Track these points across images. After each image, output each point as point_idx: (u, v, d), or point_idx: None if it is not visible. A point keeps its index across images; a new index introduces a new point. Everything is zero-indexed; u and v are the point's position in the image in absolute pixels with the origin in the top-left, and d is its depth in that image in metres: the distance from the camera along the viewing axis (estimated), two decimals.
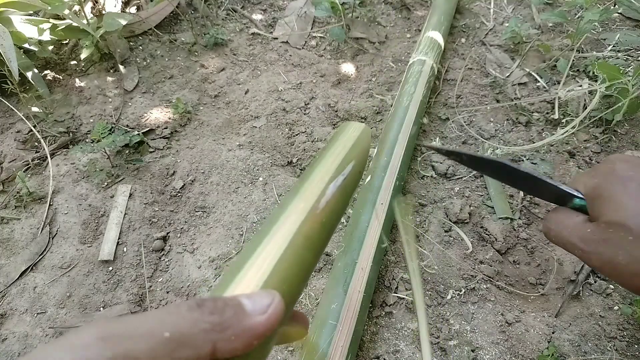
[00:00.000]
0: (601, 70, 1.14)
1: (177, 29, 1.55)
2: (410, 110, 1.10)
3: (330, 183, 0.33)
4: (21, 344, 0.90)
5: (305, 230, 0.30)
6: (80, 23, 1.28)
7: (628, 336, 0.87)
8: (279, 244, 0.29)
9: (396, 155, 1.01)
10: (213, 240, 1.04)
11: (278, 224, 0.30)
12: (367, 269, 0.83)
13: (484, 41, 1.49)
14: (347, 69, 1.42)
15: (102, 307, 0.95)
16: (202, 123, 1.29)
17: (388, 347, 0.87)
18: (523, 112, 1.27)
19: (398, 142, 1.03)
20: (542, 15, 1.50)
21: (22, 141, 1.24)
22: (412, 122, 1.08)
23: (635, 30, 1.46)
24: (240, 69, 1.43)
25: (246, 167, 1.16)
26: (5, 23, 1.21)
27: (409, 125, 1.06)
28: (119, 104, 1.33)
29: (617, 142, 1.19)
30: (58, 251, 1.02)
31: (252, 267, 0.28)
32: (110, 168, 1.17)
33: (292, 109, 1.30)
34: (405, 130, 1.05)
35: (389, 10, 1.61)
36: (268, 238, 0.30)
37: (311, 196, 0.32)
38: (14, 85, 1.21)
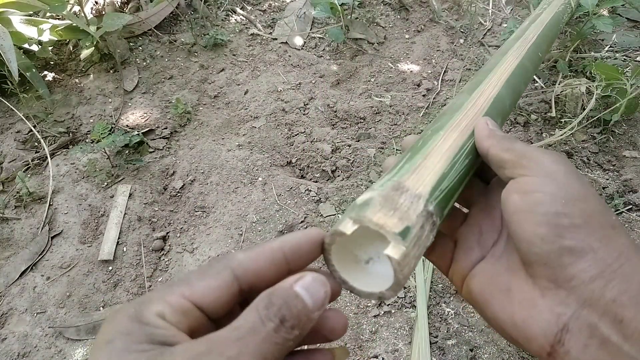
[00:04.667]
0: (599, 70, 1.14)
1: (177, 29, 1.56)
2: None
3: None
4: (21, 344, 0.90)
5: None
6: (80, 23, 1.29)
7: None
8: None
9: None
10: (213, 240, 1.04)
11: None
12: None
13: (482, 42, 1.49)
14: (346, 70, 1.43)
15: (102, 307, 0.96)
16: (202, 123, 1.30)
17: (387, 347, 0.87)
18: (521, 112, 1.27)
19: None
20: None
21: (22, 141, 1.24)
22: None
23: (633, 31, 1.47)
24: (240, 70, 1.44)
25: (245, 167, 1.17)
26: (5, 23, 1.22)
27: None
28: (119, 104, 1.33)
29: (615, 142, 1.20)
30: (58, 251, 1.03)
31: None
32: (110, 168, 1.17)
33: (291, 110, 1.30)
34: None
35: (388, 11, 1.61)
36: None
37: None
38: (13, 86, 1.21)
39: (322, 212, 1.08)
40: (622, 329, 0.23)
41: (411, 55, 1.46)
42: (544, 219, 0.25)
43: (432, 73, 1.40)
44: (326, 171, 1.17)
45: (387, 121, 1.28)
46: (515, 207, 0.27)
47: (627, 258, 0.24)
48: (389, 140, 1.24)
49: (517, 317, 0.27)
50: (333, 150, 1.20)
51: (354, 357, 0.87)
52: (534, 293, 0.26)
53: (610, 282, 0.24)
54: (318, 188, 1.12)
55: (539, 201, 0.26)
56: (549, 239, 0.25)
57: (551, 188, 0.26)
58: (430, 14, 1.58)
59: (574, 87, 1.23)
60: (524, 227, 0.26)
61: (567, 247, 0.25)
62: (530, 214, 0.26)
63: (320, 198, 1.10)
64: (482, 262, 0.32)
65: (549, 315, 0.25)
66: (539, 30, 0.61)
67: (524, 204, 0.27)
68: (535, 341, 0.26)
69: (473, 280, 0.31)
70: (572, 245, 0.25)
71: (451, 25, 1.53)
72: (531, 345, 0.26)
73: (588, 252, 0.25)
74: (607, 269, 0.24)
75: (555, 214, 0.25)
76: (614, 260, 0.24)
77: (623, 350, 0.23)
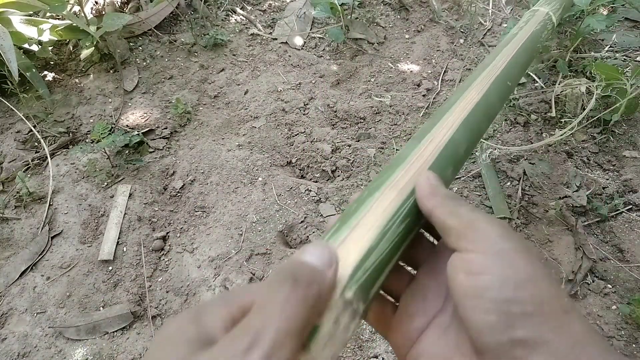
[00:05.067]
0: (599, 70, 1.14)
1: (177, 29, 1.56)
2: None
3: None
4: (21, 344, 0.90)
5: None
6: (80, 23, 1.29)
7: (626, 335, 0.88)
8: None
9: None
10: (212, 240, 1.04)
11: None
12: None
13: (482, 42, 1.49)
14: (346, 70, 1.43)
15: (101, 307, 0.96)
16: (202, 123, 1.30)
17: (387, 347, 0.87)
18: (521, 112, 1.27)
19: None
20: None
21: (22, 141, 1.24)
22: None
23: (633, 31, 1.47)
24: (240, 70, 1.44)
25: (245, 167, 1.17)
26: (5, 23, 1.22)
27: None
28: (119, 104, 1.33)
29: (614, 142, 1.20)
30: (58, 251, 1.03)
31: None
32: (110, 168, 1.17)
33: (291, 110, 1.30)
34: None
35: (387, 11, 1.61)
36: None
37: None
38: (13, 86, 1.21)
39: (322, 212, 1.08)
40: None
41: (411, 55, 1.46)
42: (494, 306, 0.24)
43: (432, 73, 1.40)
44: (326, 171, 1.17)
45: (387, 121, 1.28)
46: (463, 291, 0.25)
47: (583, 347, 0.23)
48: (389, 140, 1.24)
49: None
50: (333, 150, 1.20)
51: (354, 357, 0.87)
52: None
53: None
54: (318, 188, 1.12)
55: (487, 285, 0.24)
56: (499, 329, 0.24)
57: (500, 270, 0.24)
58: (430, 14, 1.58)
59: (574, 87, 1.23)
60: (472, 313, 0.25)
61: (518, 338, 0.23)
62: (478, 300, 0.24)
63: (320, 198, 1.10)
64: (426, 335, 0.29)
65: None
66: (510, 54, 0.54)
67: (471, 288, 0.25)
68: None
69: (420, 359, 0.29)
70: (524, 336, 0.23)
71: (451, 25, 1.53)
72: None
73: (541, 345, 0.23)
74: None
75: (505, 301, 0.24)
76: (569, 351, 0.23)
77: None
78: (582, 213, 1.08)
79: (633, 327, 0.88)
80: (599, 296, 0.93)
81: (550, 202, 1.09)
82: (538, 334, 0.23)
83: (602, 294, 0.93)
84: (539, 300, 0.24)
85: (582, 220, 1.06)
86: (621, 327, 0.89)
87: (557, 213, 1.06)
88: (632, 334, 0.88)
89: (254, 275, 0.98)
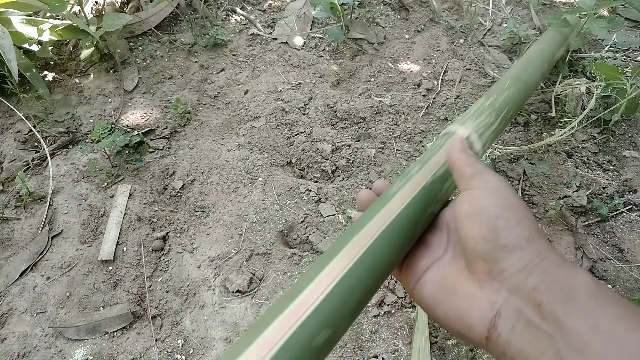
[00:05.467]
0: (599, 70, 1.14)
1: (177, 29, 1.56)
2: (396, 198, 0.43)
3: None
4: (21, 344, 0.90)
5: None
6: (80, 23, 1.29)
7: None
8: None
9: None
10: (213, 240, 1.04)
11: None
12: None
13: (482, 42, 1.49)
14: (346, 70, 1.43)
15: (101, 307, 0.96)
16: (202, 123, 1.30)
17: (387, 347, 0.87)
18: (521, 112, 1.27)
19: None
20: (541, 20, 1.50)
21: (22, 141, 1.25)
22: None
23: (633, 31, 1.47)
24: (240, 70, 1.44)
25: (245, 167, 1.17)
26: (5, 23, 1.22)
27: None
28: (119, 104, 1.33)
29: (615, 142, 1.20)
30: (58, 251, 1.03)
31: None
32: (110, 168, 1.17)
33: (291, 110, 1.30)
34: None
35: (387, 11, 1.61)
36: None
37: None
38: (13, 86, 1.21)
39: (322, 212, 1.08)
40: (540, 312, 0.28)
41: (411, 55, 1.46)
42: (486, 221, 0.32)
43: (432, 73, 1.40)
44: (326, 171, 1.17)
45: (387, 121, 1.28)
46: (465, 213, 0.34)
47: (545, 256, 0.30)
48: (389, 140, 1.24)
49: (461, 309, 0.32)
50: (333, 150, 1.20)
51: (354, 357, 0.87)
52: (474, 287, 0.32)
53: (532, 274, 0.30)
54: (318, 188, 1.12)
55: (483, 207, 0.33)
56: (488, 238, 0.31)
57: (494, 198, 0.33)
58: (430, 14, 1.58)
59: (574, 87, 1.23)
60: (470, 229, 0.33)
61: (501, 244, 0.31)
62: (476, 218, 0.33)
63: (320, 198, 1.10)
64: (430, 271, 0.37)
65: (485, 304, 0.31)
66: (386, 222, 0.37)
67: (472, 210, 0.33)
68: (476, 328, 0.31)
69: (424, 287, 0.36)
70: (506, 243, 0.31)
71: (451, 25, 1.53)
72: (472, 334, 0.31)
73: (517, 250, 0.31)
74: (529, 264, 0.30)
75: (494, 217, 0.32)
76: (535, 257, 0.30)
77: (541, 328, 0.27)
78: (582, 213, 1.08)
79: None
80: None
81: (550, 202, 1.09)
82: (516, 242, 0.31)
83: None
84: (519, 218, 0.32)
85: (582, 220, 1.07)
86: None
87: (557, 213, 1.06)
88: None
89: (254, 275, 0.98)
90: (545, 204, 1.08)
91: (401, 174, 0.44)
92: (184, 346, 0.91)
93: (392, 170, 1.16)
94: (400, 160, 1.19)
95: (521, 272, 0.30)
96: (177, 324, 0.94)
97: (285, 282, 0.97)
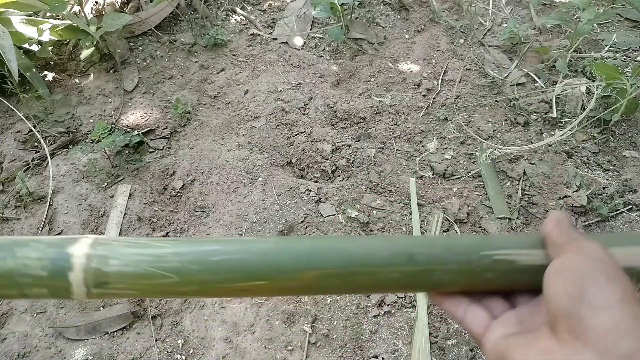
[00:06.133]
0: (599, 70, 1.14)
1: (177, 29, 1.56)
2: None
3: None
4: (21, 344, 0.90)
5: None
6: (80, 23, 1.29)
7: None
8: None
9: None
10: None
11: None
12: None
13: (482, 42, 1.49)
14: (346, 70, 1.43)
15: (101, 307, 0.96)
16: (202, 123, 1.30)
17: (387, 347, 0.87)
18: (521, 112, 1.27)
19: None
20: (540, 20, 1.50)
21: (22, 141, 1.25)
22: None
23: (633, 31, 1.47)
24: (240, 70, 1.44)
25: (245, 167, 1.17)
26: (5, 23, 1.21)
27: None
28: (119, 104, 1.33)
29: (614, 142, 1.20)
30: None
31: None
32: (110, 168, 1.17)
33: (291, 110, 1.30)
34: None
35: (387, 11, 1.61)
36: None
37: None
38: (13, 86, 1.21)
39: (322, 212, 1.08)
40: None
41: (411, 55, 1.46)
42: (572, 277, 0.30)
43: (432, 73, 1.41)
44: (326, 171, 1.17)
45: (387, 121, 1.28)
46: (553, 271, 0.32)
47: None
48: (389, 140, 1.24)
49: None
50: (333, 150, 1.20)
51: (354, 357, 0.87)
52: (554, 344, 0.29)
53: (624, 338, 0.26)
54: (318, 188, 1.12)
55: (571, 266, 0.31)
56: (574, 294, 0.29)
57: (584, 258, 0.31)
58: (430, 14, 1.58)
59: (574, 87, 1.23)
60: (555, 285, 0.31)
61: (587, 300, 0.28)
62: (562, 274, 0.31)
63: (320, 198, 1.10)
64: (504, 319, 0.35)
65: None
66: None
67: (559, 268, 0.32)
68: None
69: (501, 342, 0.34)
70: (592, 299, 0.28)
71: (451, 25, 1.53)
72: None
73: (606, 308, 0.28)
74: (621, 326, 0.27)
75: (582, 273, 0.30)
76: (629, 320, 0.27)
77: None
78: (582, 213, 1.08)
79: None
80: None
81: (550, 202, 1.09)
82: (605, 300, 0.28)
83: None
84: (611, 277, 0.29)
85: (582, 220, 1.07)
86: None
87: None
88: None
89: None
90: (545, 204, 1.09)
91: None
92: (184, 346, 0.91)
93: (392, 170, 1.16)
94: (400, 160, 1.19)
95: (609, 333, 0.27)
96: (177, 324, 0.94)
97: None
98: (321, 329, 0.90)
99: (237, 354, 0.88)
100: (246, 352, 0.88)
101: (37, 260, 0.28)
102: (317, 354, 0.88)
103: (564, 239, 0.34)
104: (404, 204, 1.10)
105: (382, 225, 1.06)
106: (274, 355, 0.87)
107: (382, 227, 1.05)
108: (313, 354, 0.88)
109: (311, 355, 0.88)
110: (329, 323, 0.91)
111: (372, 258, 0.33)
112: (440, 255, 0.34)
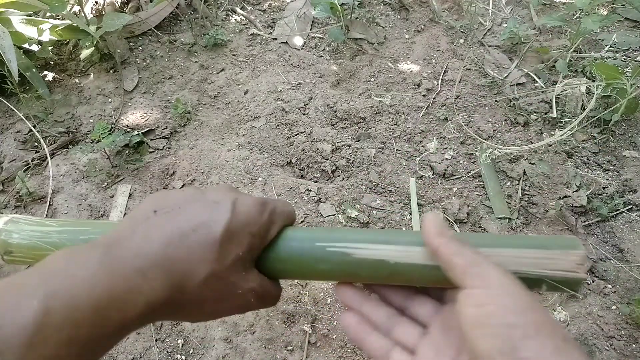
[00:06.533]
0: (599, 70, 1.14)
1: (177, 29, 1.56)
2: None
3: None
4: None
5: None
6: (80, 23, 1.29)
7: (626, 335, 0.88)
8: None
9: None
10: None
11: None
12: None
13: (482, 42, 1.49)
14: (346, 70, 1.43)
15: None
16: (202, 123, 1.30)
17: None
18: (521, 112, 1.27)
19: None
20: (540, 20, 1.50)
21: (22, 141, 1.25)
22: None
23: (633, 31, 1.47)
24: (240, 70, 1.44)
25: (245, 167, 1.17)
26: (5, 23, 1.22)
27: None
28: (119, 104, 1.33)
29: (614, 142, 1.20)
30: None
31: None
32: (110, 168, 1.17)
33: (291, 110, 1.30)
34: None
35: (387, 11, 1.61)
36: None
37: None
38: (13, 86, 1.21)
39: (322, 212, 1.08)
40: None
41: (411, 55, 1.46)
42: (499, 331, 0.27)
43: (432, 73, 1.40)
44: (326, 171, 1.17)
45: (387, 121, 1.28)
46: (472, 321, 0.29)
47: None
48: (389, 140, 1.24)
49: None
50: (333, 150, 1.20)
51: (354, 357, 0.87)
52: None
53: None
54: (318, 188, 1.12)
55: (492, 313, 0.28)
56: (505, 351, 0.26)
57: (502, 300, 0.28)
58: (430, 14, 1.58)
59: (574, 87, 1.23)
60: (482, 341, 0.28)
61: (522, 358, 0.26)
62: (486, 328, 0.28)
63: (320, 198, 1.10)
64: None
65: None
66: None
67: (479, 318, 0.28)
68: None
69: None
70: (528, 357, 0.26)
71: (451, 25, 1.53)
72: None
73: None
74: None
75: (508, 325, 0.27)
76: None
77: None
78: (582, 213, 1.08)
79: (633, 327, 0.88)
80: (599, 296, 0.93)
81: (550, 202, 1.09)
82: (540, 355, 0.26)
83: (602, 294, 0.93)
84: (539, 325, 0.27)
85: (582, 220, 1.07)
86: (621, 327, 0.89)
87: (557, 213, 1.06)
88: (632, 334, 0.88)
89: None
90: (545, 204, 1.08)
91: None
92: (184, 346, 0.91)
93: (392, 170, 1.16)
94: (400, 160, 1.19)
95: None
96: (177, 324, 0.94)
97: (284, 282, 0.97)
98: (321, 329, 0.90)
99: (237, 354, 0.88)
100: (246, 352, 0.88)
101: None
102: (317, 354, 0.88)
103: (461, 261, 0.31)
104: (404, 204, 1.10)
105: (382, 225, 1.06)
106: (273, 356, 0.87)
107: (382, 227, 1.05)
108: (313, 354, 0.88)
109: (311, 355, 0.88)
110: (329, 323, 0.91)
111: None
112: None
